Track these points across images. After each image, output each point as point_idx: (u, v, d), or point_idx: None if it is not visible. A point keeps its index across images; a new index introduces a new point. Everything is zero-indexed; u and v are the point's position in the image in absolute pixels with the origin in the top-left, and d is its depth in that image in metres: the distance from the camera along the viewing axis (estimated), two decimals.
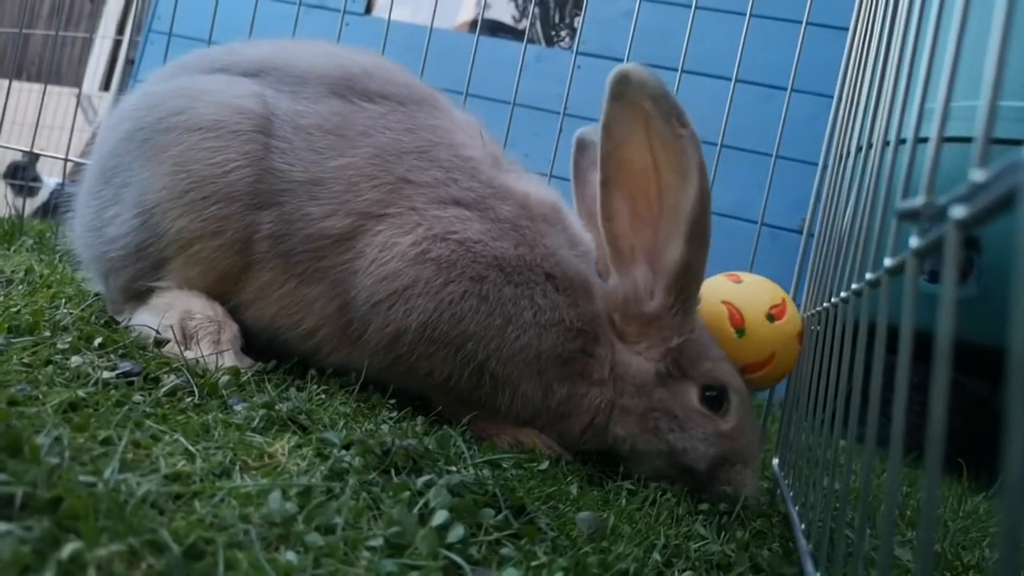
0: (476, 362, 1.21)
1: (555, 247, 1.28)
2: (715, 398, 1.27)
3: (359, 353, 1.25)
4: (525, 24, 4.55)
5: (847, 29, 1.98)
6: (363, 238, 1.23)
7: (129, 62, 4.64)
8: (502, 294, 1.21)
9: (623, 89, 1.15)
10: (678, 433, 1.24)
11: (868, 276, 0.92)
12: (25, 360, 0.99)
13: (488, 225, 1.25)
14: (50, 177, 5.01)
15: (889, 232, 0.77)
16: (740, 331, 1.35)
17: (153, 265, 1.28)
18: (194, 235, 1.25)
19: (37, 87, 2.99)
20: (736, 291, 1.39)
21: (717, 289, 1.39)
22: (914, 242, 0.53)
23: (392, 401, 1.21)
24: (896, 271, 0.79)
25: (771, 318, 1.34)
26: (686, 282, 1.24)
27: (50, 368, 0.97)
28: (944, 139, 0.62)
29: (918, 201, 0.51)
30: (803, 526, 0.99)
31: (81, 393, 0.89)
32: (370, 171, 1.26)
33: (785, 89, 2.17)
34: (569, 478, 1.12)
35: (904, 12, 0.94)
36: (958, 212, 0.42)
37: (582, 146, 1.57)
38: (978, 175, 0.42)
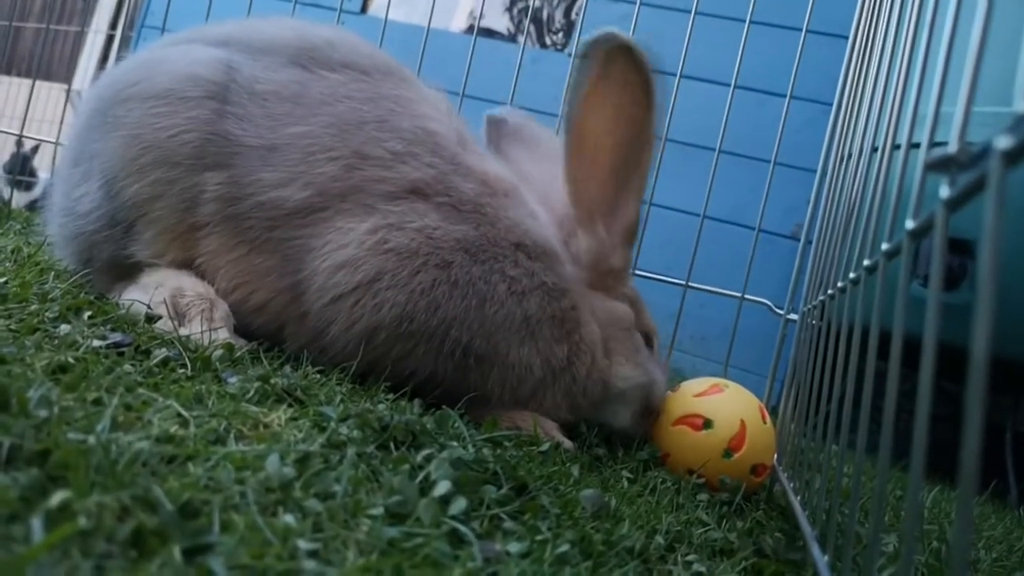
0: (461, 347, 1.18)
1: (519, 219, 1.28)
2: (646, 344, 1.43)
3: (327, 354, 1.20)
4: (519, 35, 4.56)
5: (845, 37, 1.99)
6: (319, 224, 1.21)
7: (121, 58, 4.60)
8: (471, 274, 1.19)
9: (612, 59, 1.24)
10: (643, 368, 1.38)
11: (866, 262, 0.91)
12: (12, 327, 0.96)
13: (445, 212, 1.23)
14: (45, 173, 4.94)
15: (883, 219, 0.76)
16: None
17: (125, 231, 1.27)
18: (143, 198, 1.24)
19: (28, 83, 2.98)
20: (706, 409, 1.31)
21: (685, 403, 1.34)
22: (945, 192, 0.51)
23: (388, 383, 1.19)
24: (893, 254, 0.78)
25: (729, 453, 1.25)
26: (633, 237, 1.38)
27: (37, 335, 0.94)
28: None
29: (950, 148, 0.50)
30: (807, 512, 0.97)
31: (70, 358, 0.86)
32: (327, 141, 1.24)
33: (780, 95, 2.18)
34: (569, 463, 1.09)
35: (913, 18, 0.93)
36: (1003, 143, 0.41)
37: (494, 123, 1.62)
38: None
